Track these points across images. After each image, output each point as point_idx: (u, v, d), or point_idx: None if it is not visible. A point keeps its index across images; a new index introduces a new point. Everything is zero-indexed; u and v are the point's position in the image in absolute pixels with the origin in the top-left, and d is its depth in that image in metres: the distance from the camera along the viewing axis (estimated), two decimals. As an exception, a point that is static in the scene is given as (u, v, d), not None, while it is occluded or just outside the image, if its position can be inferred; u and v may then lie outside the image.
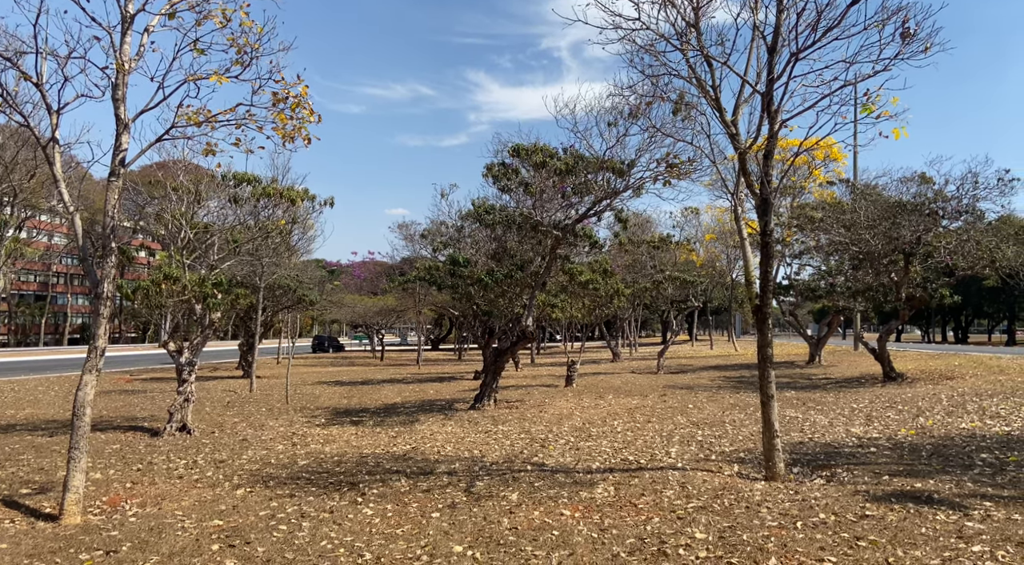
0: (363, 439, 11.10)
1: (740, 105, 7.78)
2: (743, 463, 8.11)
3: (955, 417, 11.12)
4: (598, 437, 10.62)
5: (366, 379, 25.89)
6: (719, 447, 9.39)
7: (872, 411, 12.38)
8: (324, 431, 12.17)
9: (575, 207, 15.05)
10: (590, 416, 13.20)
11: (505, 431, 11.55)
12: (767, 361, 7.22)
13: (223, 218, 14.12)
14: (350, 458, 9.24)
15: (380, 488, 7.27)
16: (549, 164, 12.87)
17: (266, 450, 10.13)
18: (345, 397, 19.07)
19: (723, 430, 10.93)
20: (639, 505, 6.16)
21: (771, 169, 7.20)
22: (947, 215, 17.11)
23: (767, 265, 7.20)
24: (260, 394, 19.88)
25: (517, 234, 15.79)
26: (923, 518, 5.34)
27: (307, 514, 6.19)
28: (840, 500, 5.99)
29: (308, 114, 7.23)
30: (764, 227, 7.17)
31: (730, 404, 14.50)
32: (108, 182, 6.89)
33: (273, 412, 15.32)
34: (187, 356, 12.67)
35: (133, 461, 9.30)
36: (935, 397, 13.91)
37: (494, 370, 15.35)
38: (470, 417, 13.56)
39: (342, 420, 13.74)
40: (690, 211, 35.02)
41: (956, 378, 17.93)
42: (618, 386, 19.87)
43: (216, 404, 17.09)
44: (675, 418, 12.65)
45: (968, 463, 7.46)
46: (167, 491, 7.40)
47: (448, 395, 18.63)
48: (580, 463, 8.42)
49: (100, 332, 6.74)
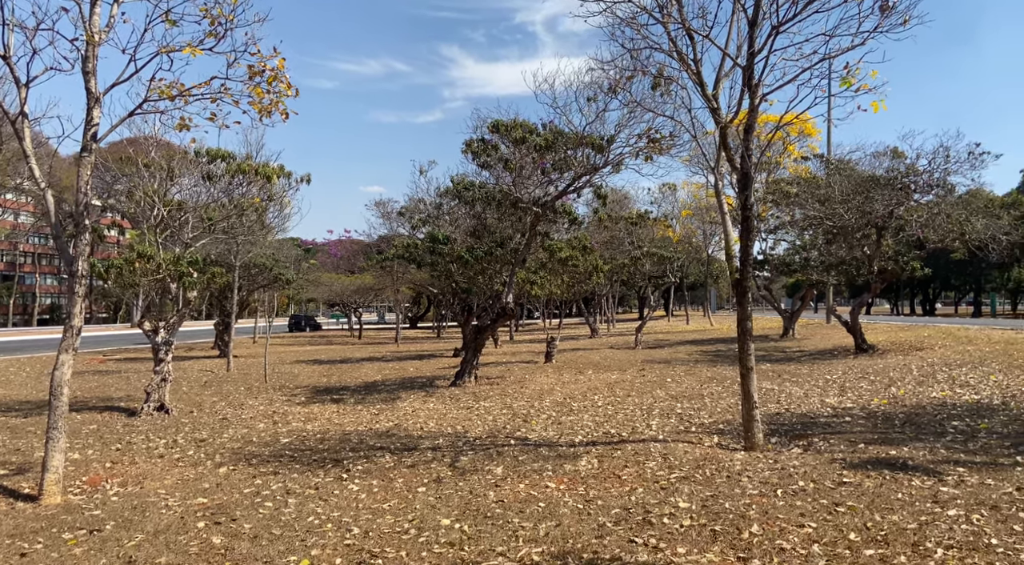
0: (345, 417, 11.09)
1: (721, 79, 7.78)
2: (723, 434, 8.26)
3: (926, 387, 11.40)
4: (579, 411, 10.72)
5: (345, 357, 25.80)
6: (698, 419, 9.54)
7: (845, 382, 12.64)
8: (305, 409, 12.13)
9: (555, 183, 15.03)
10: (571, 391, 13.32)
11: (487, 407, 11.61)
12: (747, 334, 7.32)
13: (196, 195, 13.84)
14: (333, 435, 9.23)
15: (365, 464, 7.28)
16: (529, 140, 12.81)
17: (247, 428, 10.08)
18: (324, 376, 19.00)
19: (702, 403, 11.09)
20: (623, 476, 6.25)
21: (752, 143, 7.23)
22: (919, 189, 17.38)
23: (747, 239, 7.27)
24: (238, 373, 19.72)
25: (497, 211, 15.74)
26: (899, 484, 5.49)
27: (292, 491, 6.19)
28: (818, 468, 6.13)
29: (285, 88, 7.09)
30: (744, 201, 7.22)
31: (708, 377, 14.71)
32: (79, 158, 6.71)
33: (252, 391, 15.22)
34: (163, 336, 12.51)
35: (111, 441, 9.20)
36: (906, 368, 14.23)
37: (474, 347, 15.38)
38: (451, 394, 13.60)
39: (322, 398, 13.71)
40: (668, 187, 35.15)
41: (926, 349, 18.34)
42: (597, 361, 20.04)
43: (193, 384, 16.94)
44: (654, 392, 12.80)
45: (940, 431, 7.66)
46: (148, 470, 7.34)
47: (429, 372, 18.65)
48: (563, 437, 8.51)
49: (76, 311, 6.62)
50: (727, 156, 7.32)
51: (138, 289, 13.07)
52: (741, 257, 7.31)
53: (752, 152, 7.27)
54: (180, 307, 12.91)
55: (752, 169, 7.26)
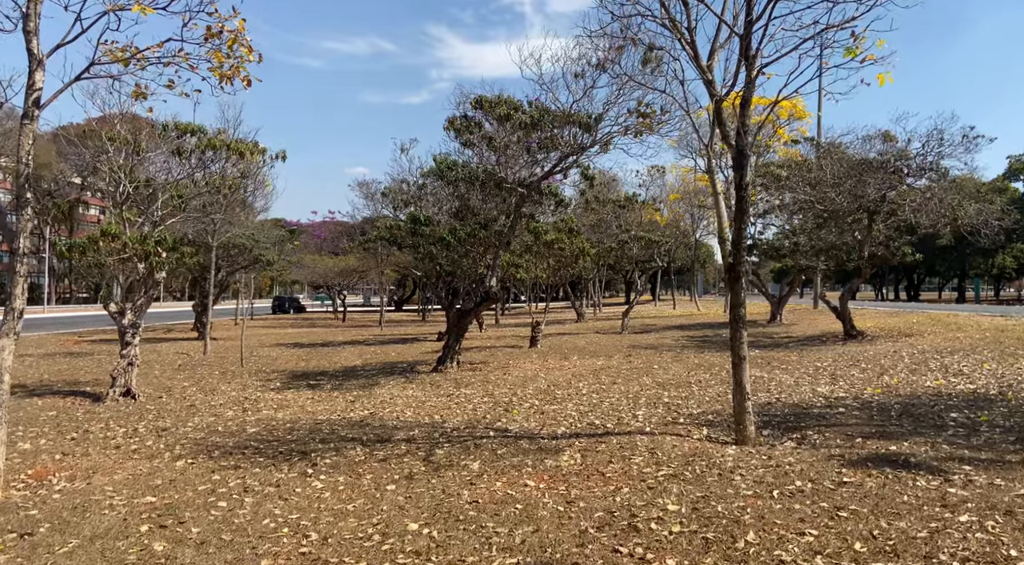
0: (319, 404, 10.62)
1: (716, 50, 7.31)
2: (712, 426, 7.87)
3: (919, 375, 11.09)
4: (563, 400, 10.32)
5: (326, 341, 25.27)
6: (686, 409, 9.15)
7: (836, 369, 12.32)
8: (278, 396, 11.65)
9: (540, 164, 14.53)
10: (555, 378, 12.92)
11: (468, 394, 11.18)
12: (739, 321, 6.91)
13: (167, 172, 13.21)
14: (303, 425, 8.76)
15: (333, 458, 6.83)
16: (514, 117, 12.27)
17: (214, 416, 9.60)
18: (303, 359, 18.50)
19: (689, 391, 10.72)
20: (607, 474, 5.84)
21: (748, 119, 6.77)
22: (911, 173, 17.03)
23: (741, 221, 6.83)
24: (215, 357, 19.18)
25: (480, 191, 15.22)
26: (903, 484, 5.11)
27: (251, 488, 5.72)
28: (815, 465, 5.75)
29: (247, 52, 6.52)
30: (739, 181, 6.77)
31: (695, 364, 14.36)
32: (20, 125, 6.14)
33: (226, 376, 14.71)
34: (130, 317, 11.96)
35: (68, 429, 8.69)
36: (897, 355, 13.95)
37: (457, 332, 14.93)
38: (432, 380, 13.17)
39: (298, 384, 13.23)
40: (656, 169, 34.65)
41: (915, 335, 18.11)
42: (583, 347, 19.66)
43: (166, 367, 16.39)
44: (641, 379, 12.43)
45: (940, 423, 7.32)
46: (100, 463, 6.85)
47: (411, 357, 18.20)
48: (545, 428, 8.09)
49: (17, 292, 6.08)
50: (721, 133, 6.86)
51: (105, 269, 12.44)
52: (734, 240, 6.88)
53: (749, 128, 6.82)
54: (148, 288, 12.34)
55: (748, 147, 6.81)
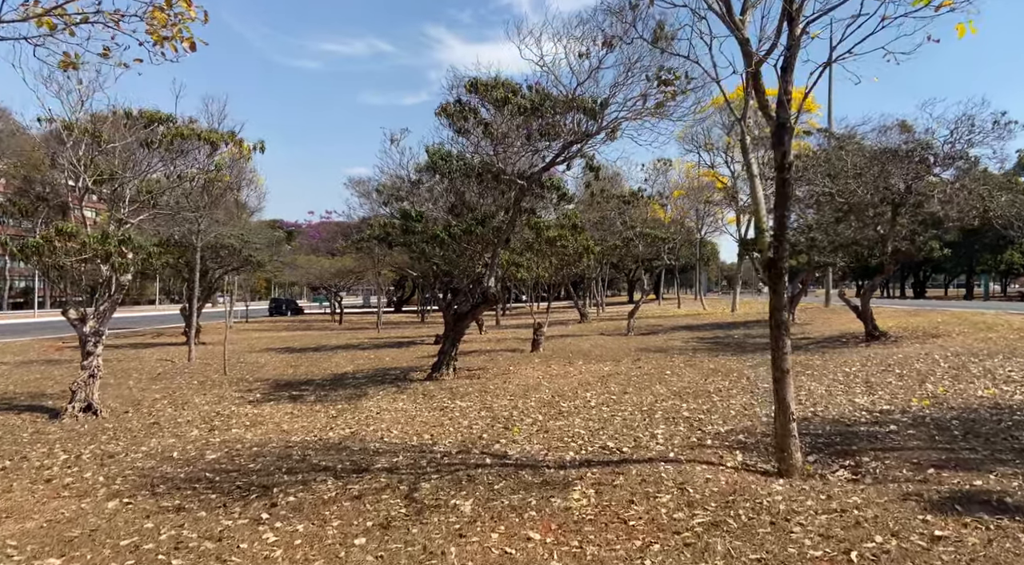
0: (296, 421, 9.50)
1: (748, 7, 6.18)
2: (746, 449, 6.73)
3: (964, 383, 9.95)
4: (570, 414, 9.20)
5: (319, 345, 24.16)
6: (711, 426, 8.02)
7: (869, 376, 11.18)
8: (255, 410, 10.54)
9: (541, 153, 13.40)
10: (559, 387, 11.80)
11: (463, 407, 10.06)
12: (782, 327, 5.78)
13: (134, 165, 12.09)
14: (272, 449, 7.63)
15: (299, 493, 5.70)
16: (512, 101, 11.14)
17: (175, 437, 8.48)
18: (292, 365, 17.40)
19: (710, 402, 9.59)
20: (629, 520, 4.71)
21: (790, 85, 5.64)
22: (939, 162, 15.88)
23: (784, 208, 5.70)
24: (199, 364, 18.08)
25: (477, 185, 14.08)
26: (1015, 541, 3.99)
27: (185, 543, 4.59)
28: (890, 510, 4.61)
29: (187, 7, 5.41)
30: (781, 160, 5.65)
31: (710, 369, 13.24)
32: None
33: (205, 385, 13.61)
34: (92, 325, 10.87)
35: (5, 455, 7.58)
36: (929, 358, 12.81)
37: (453, 336, 13.80)
38: (425, 390, 12.05)
39: (280, 395, 12.12)
40: (662, 163, 33.42)
41: (942, 336, 16.97)
42: (587, 350, 18.54)
43: (144, 376, 15.29)
44: (653, 387, 11.31)
45: (1018, 446, 6.18)
46: (19, 504, 5.73)
47: (405, 362, 17.08)
48: (550, 452, 6.96)
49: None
50: (759, 103, 5.73)
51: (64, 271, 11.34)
52: (776, 230, 5.75)
53: (791, 96, 5.69)
54: (112, 292, 11.24)
55: (791, 119, 5.68)
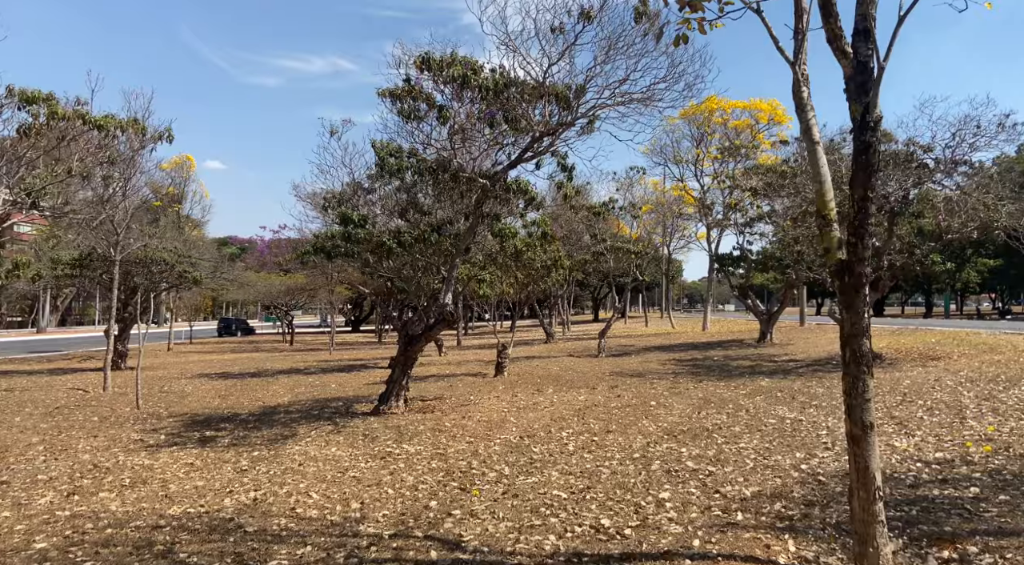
0: (191, 478, 7.36)
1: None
2: (794, 530, 4.86)
3: (1013, 419, 8.33)
4: (544, 464, 7.27)
5: (261, 369, 21.79)
6: (731, 486, 6.16)
7: (891, 410, 9.50)
8: (147, 460, 8.35)
9: (506, 149, 11.58)
10: (529, 423, 9.86)
11: (410, 454, 8.05)
12: (862, 361, 3.96)
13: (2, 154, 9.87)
14: (131, 533, 5.49)
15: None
16: (471, 81, 9.30)
17: (15, 507, 6.29)
18: (221, 395, 15.13)
19: (715, 447, 7.77)
20: None
21: (874, 7, 3.88)
22: (942, 168, 14.52)
23: (866, 187, 3.89)
24: (114, 393, 15.71)
25: (432, 186, 12.16)
26: None
27: None
28: None
29: None
30: (862, 118, 3.86)
31: (700, 399, 11.47)
32: None
33: (106, 423, 11.34)
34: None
35: None
36: (945, 385, 11.27)
37: (404, 363, 11.75)
38: (368, 428, 9.99)
39: (189, 436, 9.93)
40: (635, 171, 31.92)
41: (942, 358, 15.56)
42: (557, 374, 16.66)
43: (39, 410, 12.91)
44: (640, 423, 9.48)
45: None
46: None
47: (351, 391, 14.96)
48: (522, 538, 4.98)
49: None
50: (829, 32, 3.92)
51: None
52: (853, 222, 3.94)
53: (874, 28, 3.92)
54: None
55: (873, 59, 3.90)
